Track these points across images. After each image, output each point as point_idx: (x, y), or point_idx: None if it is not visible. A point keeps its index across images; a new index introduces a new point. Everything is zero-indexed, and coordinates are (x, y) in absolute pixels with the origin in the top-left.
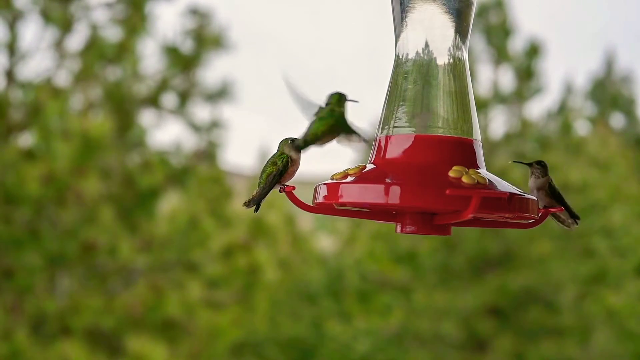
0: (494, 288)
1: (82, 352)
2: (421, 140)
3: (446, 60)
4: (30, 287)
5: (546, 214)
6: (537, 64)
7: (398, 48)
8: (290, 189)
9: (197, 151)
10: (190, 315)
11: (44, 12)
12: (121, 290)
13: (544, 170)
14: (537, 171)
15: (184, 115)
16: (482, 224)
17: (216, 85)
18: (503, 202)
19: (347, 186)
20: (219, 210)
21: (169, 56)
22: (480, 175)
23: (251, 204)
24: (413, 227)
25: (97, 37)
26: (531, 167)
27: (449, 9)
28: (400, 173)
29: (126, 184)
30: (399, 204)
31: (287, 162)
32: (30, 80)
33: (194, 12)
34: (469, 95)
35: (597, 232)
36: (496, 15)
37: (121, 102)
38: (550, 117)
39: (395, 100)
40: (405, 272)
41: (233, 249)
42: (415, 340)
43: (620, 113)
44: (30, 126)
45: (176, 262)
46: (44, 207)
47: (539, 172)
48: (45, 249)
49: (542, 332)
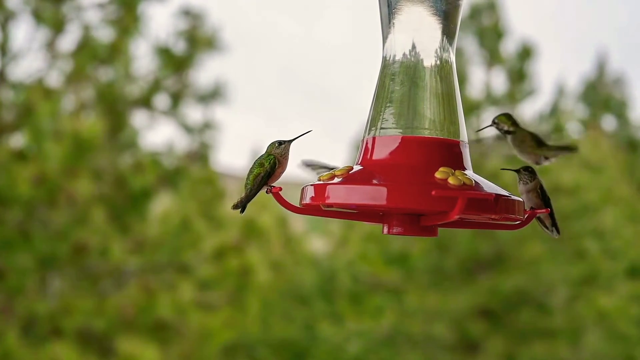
0: (486, 290)
1: (73, 353)
2: (408, 142)
3: (433, 62)
4: (21, 288)
5: (532, 216)
6: (529, 66)
7: (385, 49)
8: (277, 190)
9: (190, 152)
10: (182, 316)
11: (36, 12)
12: (112, 292)
13: (532, 176)
14: (525, 177)
15: (176, 116)
16: (468, 225)
17: (209, 86)
18: (489, 203)
19: (334, 187)
20: (211, 212)
21: (162, 57)
22: (467, 176)
23: (239, 205)
24: (400, 228)
25: (89, 38)
26: (519, 173)
27: (436, 10)
28: (387, 174)
29: (118, 185)
30: (385, 205)
31: (274, 164)
32: (22, 81)
33: (187, 13)
34: (456, 97)
35: (588, 234)
36: (489, 17)
37: (113, 103)
38: (542, 119)
39: (383, 102)
40: (397, 274)
41: (225, 250)
42: (407, 342)
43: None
44: (21, 127)
45: (168, 263)
46: (35, 208)
47: (527, 178)
48: (36, 250)
49: (534, 334)
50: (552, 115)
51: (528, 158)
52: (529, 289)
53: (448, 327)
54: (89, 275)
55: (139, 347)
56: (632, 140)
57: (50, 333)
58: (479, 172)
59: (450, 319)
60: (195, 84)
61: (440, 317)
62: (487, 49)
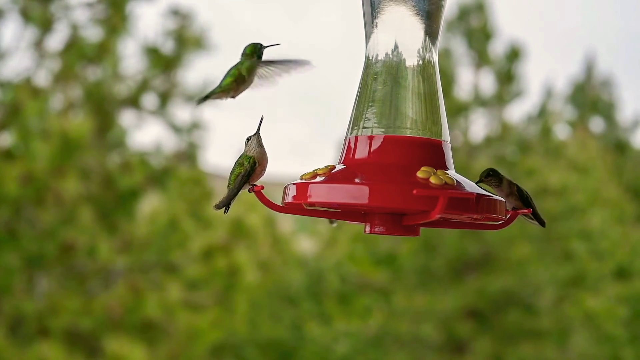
0: (474, 290)
1: (60, 353)
2: (390, 141)
3: (416, 62)
4: (8, 288)
5: (515, 216)
6: (517, 67)
7: (368, 49)
8: (259, 188)
9: (178, 152)
10: (170, 316)
11: (24, 11)
12: (100, 291)
13: (497, 177)
14: (492, 182)
15: (164, 116)
16: (451, 225)
17: (197, 86)
18: (470, 202)
19: (315, 186)
20: (199, 212)
21: (150, 57)
22: (449, 176)
23: (221, 206)
24: (382, 228)
25: (78, 37)
26: (482, 182)
27: (419, 10)
28: (369, 173)
29: (106, 184)
30: (367, 204)
31: (254, 163)
32: (10, 80)
33: (175, 12)
34: (439, 97)
35: (575, 235)
36: (477, 19)
37: (101, 103)
38: (531, 121)
39: (365, 101)
40: (385, 275)
41: (213, 250)
42: (394, 342)
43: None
44: (9, 126)
45: (156, 263)
46: (23, 207)
47: (495, 182)
48: (23, 250)
49: (521, 335)
50: (540, 116)
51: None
52: (517, 290)
53: (436, 328)
54: (77, 275)
55: (127, 347)
56: (620, 142)
57: (38, 332)
58: (465, 174)
59: (438, 320)
60: (184, 84)
61: (428, 318)
62: (476, 50)
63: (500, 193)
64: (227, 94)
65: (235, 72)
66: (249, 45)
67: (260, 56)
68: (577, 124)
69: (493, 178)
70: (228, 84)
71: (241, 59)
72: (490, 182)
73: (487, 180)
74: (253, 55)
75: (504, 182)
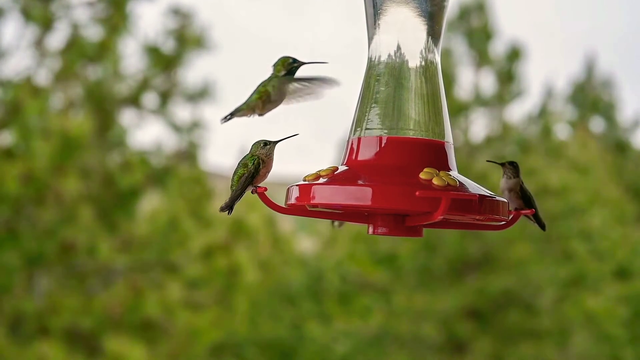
0: (474, 290)
1: (60, 352)
2: (393, 142)
3: (418, 63)
4: (8, 287)
5: (517, 217)
6: (518, 67)
7: (371, 50)
8: (262, 190)
9: (178, 151)
10: (170, 315)
11: (25, 10)
12: (100, 291)
13: (516, 171)
14: (509, 171)
15: (164, 115)
16: (453, 226)
17: (197, 85)
18: (473, 203)
19: (319, 187)
20: (199, 211)
21: (150, 56)
22: (451, 177)
23: (225, 207)
24: (385, 229)
25: (78, 36)
26: (503, 167)
27: (421, 11)
28: (372, 174)
29: (106, 183)
30: (370, 206)
31: (258, 164)
32: (10, 79)
33: (176, 12)
34: (441, 98)
35: (576, 235)
36: (478, 19)
37: (102, 102)
38: (531, 121)
39: (368, 102)
40: (385, 274)
41: (213, 249)
42: (394, 342)
43: (600, 117)
44: (9, 125)
45: (156, 262)
46: (23, 207)
47: (510, 173)
48: (23, 249)
49: (521, 335)
50: (540, 116)
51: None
52: (517, 290)
53: (436, 328)
54: (77, 274)
55: (127, 346)
56: (620, 142)
57: (38, 332)
58: (465, 174)
59: (438, 320)
60: (184, 83)
61: (428, 318)
62: (476, 50)
63: (505, 184)
64: (252, 112)
65: (262, 90)
66: (279, 59)
67: (292, 72)
68: (577, 124)
69: (510, 169)
70: (254, 101)
71: (271, 74)
72: (506, 170)
73: (507, 167)
74: (282, 71)
75: (515, 179)
